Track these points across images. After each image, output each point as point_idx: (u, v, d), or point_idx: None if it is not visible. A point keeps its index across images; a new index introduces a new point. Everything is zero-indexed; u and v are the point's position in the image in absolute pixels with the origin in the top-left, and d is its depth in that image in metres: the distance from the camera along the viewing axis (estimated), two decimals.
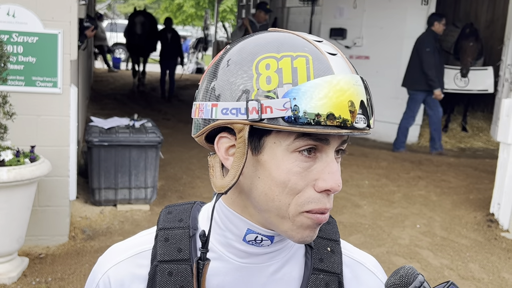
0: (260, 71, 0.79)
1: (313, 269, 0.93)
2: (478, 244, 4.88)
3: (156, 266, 0.89)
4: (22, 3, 3.96)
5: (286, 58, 0.79)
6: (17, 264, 3.76)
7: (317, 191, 0.82)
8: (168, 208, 0.97)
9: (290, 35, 0.84)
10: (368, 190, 6.32)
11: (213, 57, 0.94)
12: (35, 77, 4.06)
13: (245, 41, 0.85)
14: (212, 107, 0.82)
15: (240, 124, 0.80)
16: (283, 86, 0.77)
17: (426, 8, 8.67)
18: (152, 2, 30.39)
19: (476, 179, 6.98)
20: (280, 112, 0.76)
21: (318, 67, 0.78)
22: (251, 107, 0.78)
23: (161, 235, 0.92)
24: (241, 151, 0.80)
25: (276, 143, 0.80)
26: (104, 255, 0.97)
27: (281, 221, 0.84)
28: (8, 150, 3.60)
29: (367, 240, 4.81)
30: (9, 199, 3.54)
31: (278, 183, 0.81)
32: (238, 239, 0.89)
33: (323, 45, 0.83)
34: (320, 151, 0.82)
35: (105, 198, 5.14)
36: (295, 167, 0.80)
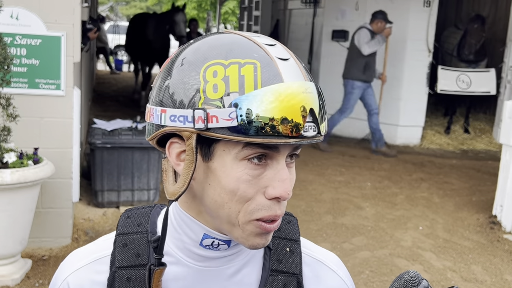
0: (207, 79, 0.77)
1: (271, 270, 0.92)
2: (481, 246, 4.88)
3: (115, 272, 0.89)
4: (25, 6, 3.97)
5: (233, 65, 0.77)
6: (20, 266, 3.77)
7: (267, 198, 0.81)
8: (127, 212, 0.97)
9: (241, 39, 0.82)
10: (371, 192, 6.32)
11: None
12: (39, 80, 4.07)
13: (201, 41, 0.84)
14: (161, 113, 0.81)
15: (187, 132, 0.79)
16: (229, 95, 0.76)
17: (428, 10, 8.67)
18: (154, 4, 30.42)
19: (479, 181, 6.97)
20: (226, 122, 0.75)
21: (266, 75, 0.76)
22: (197, 116, 0.77)
23: (119, 240, 0.92)
24: (190, 158, 0.79)
25: (225, 151, 0.79)
26: (64, 261, 0.97)
27: (232, 228, 0.84)
28: (11, 152, 3.61)
29: (369, 242, 4.81)
30: (13, 201, 3.54)
31: (227, 191, 0.80)
32: (195, 244, 0.89)
33: (275, 49, 0.81)
34: (271, 158, 0.80)
35: (108, 200, 5.15)
36: (244, 175, 0.80)
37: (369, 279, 4.14)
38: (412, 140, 9.00)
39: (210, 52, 0.80)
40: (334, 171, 7.08)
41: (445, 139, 9.34)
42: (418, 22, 8.68)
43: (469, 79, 8.90)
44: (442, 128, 9.69)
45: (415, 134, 8.99)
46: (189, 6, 24.48)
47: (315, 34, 10.10)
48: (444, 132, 9.57)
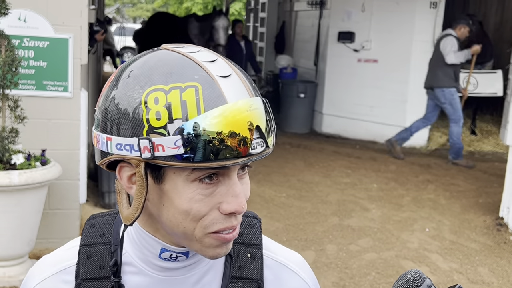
0: (149, 106, 0.76)
1: (231, 277, 0.93)
2: (488, 248, 4.87)
3: (80, 284, 0.91)
4: (33, 8, 4.00)
5: (174, 91, 0.76)
6: (28, 266, 3.79)
7: (222, 213, 0.82)
8: (91, 221, 0.97)
9: (180, 59, 0.80)
10: (377, 193, 6.31)
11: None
12: (46, 82, 4.09)
13: (149, 55, 0.83)
14: (107, 141, 0.81)
15: (135, 160, 0.79)
16: (173, 122, 0.75)
17: (435, 11, 8.66)
18: (160, 6, 30.50)
19: (486, 183, 6.95)
20: (172, 150, 0.75)
21: (208, 98, 0.75)
22: (142, 145, 0.76)
23: (83, 252, 0.93)
24: (141, 185, 0.80)
25: (176, 174, 0.79)
26: (33, 268, 0.98)
27: (190, 243, 0.85)
28: (19, 153, 3.63)
29: (375, 244, 4.81)
30: (20, 202, 3.57)
31: (181, 211, 0.81)
32: (155, 256, 0.90)
33: (215, 66, 0.80)
34: (222, 175, 0.81)
35: (114, 201, 5.17)
36: (196, 195, 0.80)
37: (375, 281, 4.14)
38: (418, 142, 8.98)
39: (149, 76, 0.79)
40: (340, 173, 7.08)
41: None
42: (424, 24, 8.67)
43: (475, 81, 8.87)
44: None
45: (422, 136, 8.96)
46: (195, 7, 24.55)
47: (321, 35, 10.10)
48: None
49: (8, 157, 3.57)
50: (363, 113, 9.14)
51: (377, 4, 8.98)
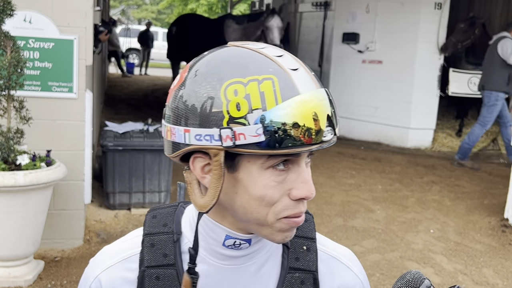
0: (229, 98, 0.81)
1: (289, 268, 0.98)
2: (492, 249, 4.86)
3: (144, 271, 0.94)
4: (38, 10, 4.02)
5: (252, 83, 0.81)
6: (33, 267, 3.81)
7: (292, 199, 0.86)
8: (152, 212, 1.01)
9: (252, 54, 0.85)
10: (381, 194, 6.31)
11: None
12: (51, 82, 4.11)
13: (212, 54, 0.88)
14: (185, 133, 0.85)
15: (215, 149, 0.82)
16: (253, 112, 0.80)
17: (440, 12, 8.65)
18: (165, 8, 30.56)
19: (490, 184, 6.94)
20: (253, 138, 0.79)
21: (284, 89, 0.81)
22: (224, 135, 0.80)
23: (147, 240, 0.96)
24: (218, 173, 0.83)
25: (251, 162, 0.84)
26: (95, 258, 1.01)
27: (261, 228, 0.89)
28: (24, 154, 3.65)
29: (380, 245, 4.80)
30: (26, 202, 3.58)
31: (255, 198, 0.85)
32: (218, 244, 0.94)
33: (285, 60, 0.85)
34: (292, 163, 0.85)
35: (119, 202, 5.18)
36: (270, 182, 0.84)
37: (380, 282, 4.13)
38: (423, 143, 8.97)
39: (225, 71, 0.83)
40: (344, 174, 7.07)
41: (457, 141, 9.30)
42: (429, 25, 8.66)
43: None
44: (454, 131, 9.66)
45: (426, 137, 8.96)
46: (200, 9, 24.58)
47: (326, 36, 10.11)
48: (455, 135, 9.54)
49: (14, 157, 3.59)
50: (368, 114, 9.14)
51: (381, 5, 8.98)
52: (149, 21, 20.64)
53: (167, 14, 34.73)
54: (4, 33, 3.52)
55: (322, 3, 10.16)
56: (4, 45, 3.53)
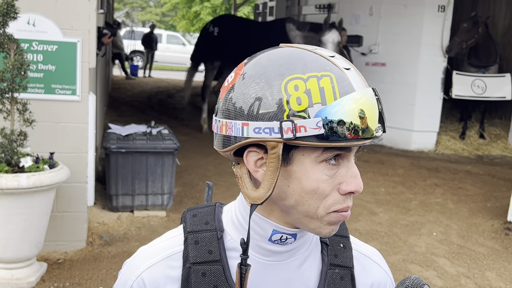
0: (289, 92, 0.84)
1: (330, 264, 1.01)
2: (496, 253, 4.85)
3: (190, 268, 0.95)
4: (42, 12, 4.03)
5: (312, 79, 0.85)
6: (35, 269, 3.82)
7: (342, 194, 0.90)
8: (192, 211, 1.03)
9: (308, 53, 0.89)
10: (384, 197, 6.30)
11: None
12: (55, 85, 4.12)
13: (260, 56, 0.92)
14: (243, 126, 0.87)
15: (273, 142, 0.85)
16: (313, 106, 0.84)
17: (443, 15, 8.65)
18: (169, 10, 30.62)
19: (494, 187, 6.92)
20: (314, 130, 0.83)
21: (341, 85, 0.85)
22: (285, 127, 0.84)
23: (190, 238, 0.98)
24: (275, 165, 0.86)
25: (305, 155, 0.87)
26: (133, 258, 1.01)
27: (310, 221, 0.92)
28: (28, 156, 3.66)
29: (383, 248, 4.80)
30: (29, 205, 3.59)
31: (308, 191, 0.89)
32: (264, 240, 0.96)
33: (338, 60, 0.89)
34: (342, 158, 0.89)
35: (122, 204, 5.19)
36: (323, 175, 0.88)
37: None
38: (426, 146, 8.96)
39: (285, 67, 0.87)
40: None
41: (460, 144, 9.29)
42: (433, 27, 8.66)
43: (484, 84, 8.85)
44: (457, 134, 9.64)
45: (430, 140, 8.95)
46: (204, 11, 24.61)
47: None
48: (459, 138, 9.52)
49: (17, 160, 3.60)
50: None
51: (385, 7, 8.97)
52: (153, 23, 20.67)
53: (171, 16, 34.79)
54: (8, 36, 3.54)
55: (326, 5, 10.16)
56: (8, 47, 3.55)
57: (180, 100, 13.40)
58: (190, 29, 27.23)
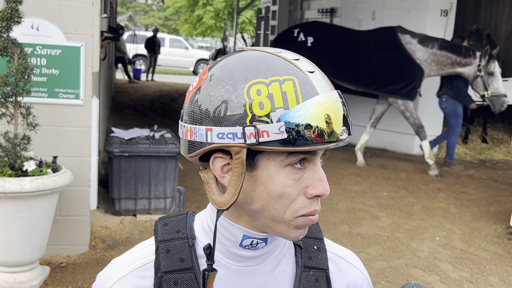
0: (252, 97, 0.84)
1: (304, 266, 1.01)
2: (498, 257, 4.84)
3: (161, 277, 0.94)
4: (45, 17, 4.05)
5: (274, 83, 0.84)
6: (38, 272, 3.82)
7: (308, 197, 0.89)
8: (163, 220, 1.02)
9: (271, 57, 0.89)
10: (387, 201, 6.29)
11: None
12: (58, 89, 4.14)
13: (227, 59, 0.91)
14: (207, 131, 0.87)
15: (237, 147, 0.85)
16: (275, 111, 0.83)
17: (445, 19, 8.65)
18: (172, 14, 30.68)
19: (497, 191, 6.91)
20: (276, 135, 0.83)
21: (304, 89, 0.85)
22: (248, 132, 0.83)
23: (161, 247, 0.97)
24: (239, 171, 0.86)
25: (270, 160, 0.87)
26: (105, 270, 1.00)
27: (277, 225, 0.91)
28: (31, 160, 3.67)
29: (385, 252, 4.79)
30: (32, 208, 3.60)
31: (273, 195, 0.88)
32: (235, 245, 0.96)
33: (302, 63, 0.89)
34: (308, 161, 0.89)
35: (125, 208, 5.20)
36: (288, 180, 0.88)
37: None
38: None
39: (248, 71, 0.86)
40: (350, 181, 7.07)
41: (463, 148, 9.28)
42: (435, 32, 8.65)
43: None
44: (460, 138, 9.63)
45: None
46: (206, 15, 24.64)
47: None
48: (461, 142, 9.51)
49: (20, 163, 3.61)
50: None
51: (387, 12, 8.98)
52: (156, 27, 20.72)
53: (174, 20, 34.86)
54: (12, 40, 3.55)
55: (328, 10, 10.18)
56: (12, 52, 3.56)
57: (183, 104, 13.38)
58: (193, 33, 27.28)
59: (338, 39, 8.11)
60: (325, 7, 10.35)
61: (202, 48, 33.53)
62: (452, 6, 8.63)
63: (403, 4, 8.81)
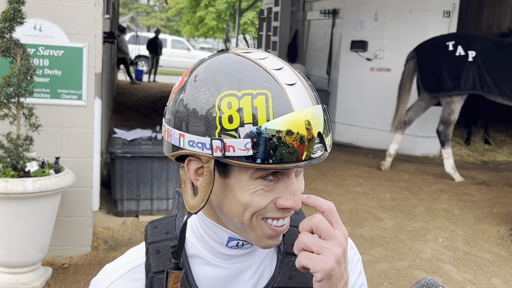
0: (222, 109, 0.82)
1: (285, 253, 1.02)
2: (501, 259, 4.82)
3: (152, 278, 0.96)
4: (48, 18, 4.05)
5: (246, 97, 0.82)
6: (40, 273, 3.82)
7: (278, 207, 0.89)
8: (153, 223, 1.04)
9: (251, 65, 0.86)
10: (390, 203, 6.28)
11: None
12: (61, 90, 4.13)
13: (212, 60, 0.90)
14: (180, 137, 0.87)
15: (205, 157, 0.85)
16: (244, 126, 0.81)
17: (448, 20, 8.64)
18: (174, 15, 30.70)
19: (500, 193, 6.90)
20: (242, 151, 0.81)
21: (277, 105, 0.82)
22: (215, 145, 0.82)
23: (151, 248, 0.99)
24: (208, 179, 0.86)
25: (241, 171, 0.86)
26: (98, 276, 1.02)
27: (246, 233, 0.92)
28: (33, 161, 3.67)
29: (388, 254, 4.78)
30: (34, 209, 3.59)
31: (243, 203, 0.88)
32: (221, 246, 0.97)
33: (283, 74, 0.85)
34: (282, 174, 0.88)
35: (127, 209, 5.19)
36: (259, 190, 0.87)
37: None
38: (431, 151, 8.93)
39: (222, 80, 0.84)
40: (352, 182, 7.06)
41: (465, 150, 9.26)
42: (438, 33, 8.63)
43: None
44: (462, 139, 9.62)
45: (435, 145, 8.92)
46: (208, 17, 24.65)
47: (334, 44, 10.11)
48: (464, 143, 9.50)
49: (23, 164, 3.61)
50: (376, 122, 9.12)
51: (390, 13, 8.97)
52: (158, 28, 20.73)
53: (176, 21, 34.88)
54: (14, 41, 3.55)
55: (331, 11, 10.17)
56: (14, 52, 3.56)
57: None
58: (195, 34, 27.29)
59: (503, 54, 7.30)
60: (327, 8, 10.34)
61: (204, 49, 33.56)
62: (455, 7, 8.62)
63: (406, 5, 8.80)
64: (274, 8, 13.00)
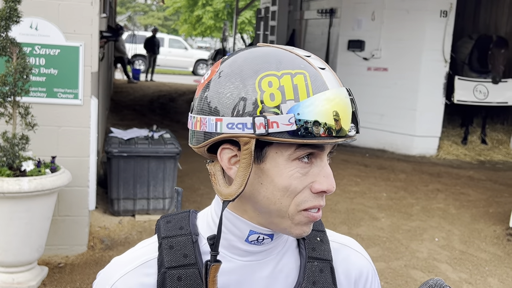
0: (263, 88, 0.85)
1: (308, 257, 1.01)
2: (498, 258, 4.83)
3: (165, 273, 0.94)
4: (44, 16, 4.04)
5: (286, 76, 0.85)
6: (36, 273, 3.81)
7: (313, 192, 0.90)
8: (165, 218, 1.02)
9: (284, 52, 0.90)
10: (386, 202, 6.29)
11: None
12: (57, 89, 4.12)
13: (237, 55, 0.92)
14: (217, 122, 0.88)
15: (246, 137, 0.85)
16: (286, 102, 0.84)
17: (445, 20, 8.65)
18: (171, 14, 30.66)
19: (496, 192, 6.91)
20: (286, 126, 0.83)
21: (315, 84, 0.86)
22: (258, 122, 0.84)
23: (165, 243, 0.97)
24: (247, 162, 0.87)
25: (278, 153, 0.87)
26: (106, 269, 0.99)
27: (281, 220, 0.92)
28: (29, 160, 3.66)
29: (384, 253, 4.79)
30: (30, 208, 3.59)
31: (280, 188, 0.88)
32: (241, 240, 0.95)
33: (313, 60, 0.90)
34: (315, 157, 0.89)
35: (123, 208, 5.19)
36: (296, 173, 0.88)
37: None
38: (428, 151, 8.95)
39: (260, 64, 0.88)
40: (349, 181, 7.06)
41: (462, 149, 9.27)
42: (435, 32, 8.66)
43: (486, 90, 8.85)
44: (459, 139, 9.63)
45: (432, 145, 8.94)
46: (206, 16, 24.63)
47: (331, 44, 10.12)
48: (461, 143, 9.51)
49: (18, 163, 3.60)
50: (373, 121, 9.13)
51: (387, 13, 8.98)
52: (155, 27, 20.71)
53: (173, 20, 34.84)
54: (10, 40, 3.54)
55: (328, 10, 10.18)
56: (10, 51, 3.55)
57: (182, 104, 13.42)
58: (192, 33, 27.26)
59: None
60: (324, 7, 10.35)
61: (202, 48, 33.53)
62: (452, 7, 8.63)
63: (403, 4, 8.81)
64: (272, 7, 13.00)
